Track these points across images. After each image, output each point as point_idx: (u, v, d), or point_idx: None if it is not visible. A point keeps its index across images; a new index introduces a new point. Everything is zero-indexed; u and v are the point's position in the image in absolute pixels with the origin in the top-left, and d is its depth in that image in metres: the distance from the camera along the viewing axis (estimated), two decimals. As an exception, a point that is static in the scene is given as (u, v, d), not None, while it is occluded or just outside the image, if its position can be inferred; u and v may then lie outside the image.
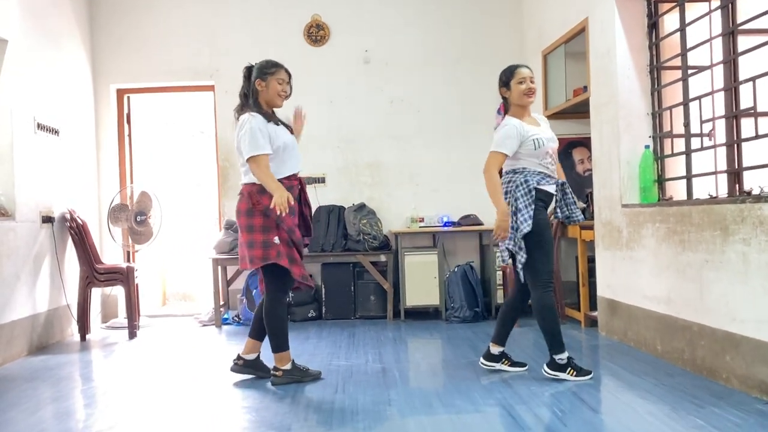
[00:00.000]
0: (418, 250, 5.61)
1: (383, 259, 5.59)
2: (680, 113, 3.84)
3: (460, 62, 6.08)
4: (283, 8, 6.04)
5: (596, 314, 4.64)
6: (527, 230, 3.25)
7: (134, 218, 5.47)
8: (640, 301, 3.99)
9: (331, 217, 5.73)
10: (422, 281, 5.45)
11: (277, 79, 3.42)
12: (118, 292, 5.73)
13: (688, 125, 3.77)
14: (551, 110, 5.38)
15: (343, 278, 5.66)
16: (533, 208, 3.28)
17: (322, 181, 6.02)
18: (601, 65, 4.43)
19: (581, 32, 4.76)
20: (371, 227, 5.57)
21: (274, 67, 3.44)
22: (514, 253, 3.33)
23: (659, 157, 4.09)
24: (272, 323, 3.42)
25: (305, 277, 3.40)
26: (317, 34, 6.05)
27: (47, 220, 4.85)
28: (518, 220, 3.28)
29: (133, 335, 5.08)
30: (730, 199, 3.14)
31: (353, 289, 5.66)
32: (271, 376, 3.49)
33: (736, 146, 3.35)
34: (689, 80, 3.77)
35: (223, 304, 5.71)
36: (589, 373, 3.33)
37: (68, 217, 5.10)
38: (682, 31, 3.79)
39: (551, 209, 3.52)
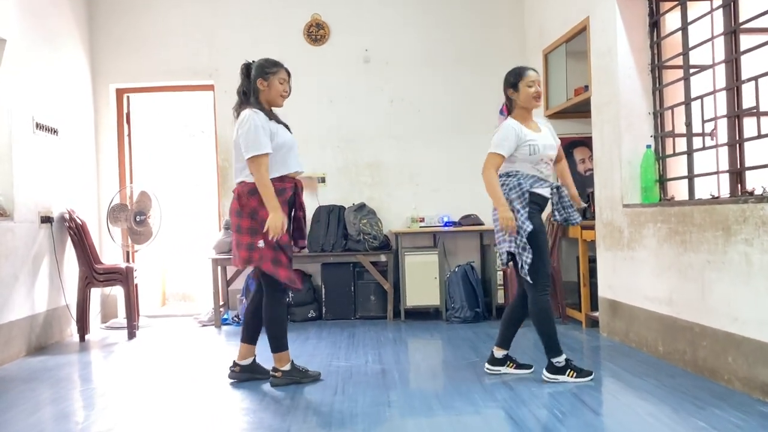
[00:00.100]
0: (418, 250, 5.59)
1: (383, 259, 5.58)
2: (682, 113, 3.83)
3: (460, 61, 6.06)
4: (282, 7, 6.02)
5: (597, 315, 4.62)
6: (530, 228, 3.23)
7: (134, 218, 5.45)
8: (641, 301, 3.97)
9: (331, 217, 5.71)
10: (422, 281, 5.44)
11: (278, 78, 3.41)
12: (117, 292, 5.71)
13: (689, 125, 3.76)
14: (552, 110, 5.37)
15: (343, 278, 5.65)
16: (528, 210, 3.27)
17: (322, 180, 6.00)
18: (602, 64, 4.41)
19: (582, 31, 4.74)
20: (371, 227, 5.55)
21: (275, 66, 3.42)
22: (516, 254, 3.30)
23: (661, 156, 4.07)
24: (271, 324, 3.40)
25: (291, 279, 3.36)
26: (317, 33, 6.03)
27: (46, 220, 4.84)
28: (519, 219, 3.26)
29: (132, 335, 5.07)
30: (732, 199, 3.12)
31: (353, 289, 5.65)
32: (270, 377, 3.47)
33: (738, 146, 3.33)
34: (691, 79, 3.75)
35: (222, 304, 5.70)
36: (590, 374, 3.31)
37: (67, 217, 5.08)
38: (683, 30, 3.77)
39: (548, 212, 3.50)
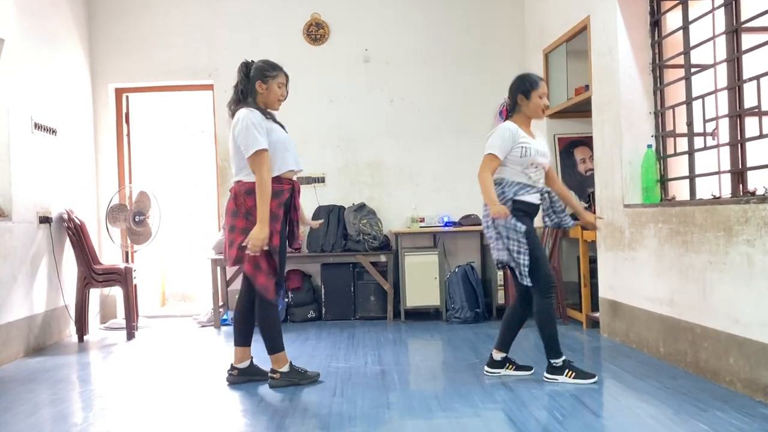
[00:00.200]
0: (418, 250, 5.57)
1: (383, 259, 5.56)
2: (683, 112, 3.81)
3: (460, 61, 6.03)
4: (282, 7, 6.00)
5: (598, 315, 4.60)
6: (523, 228, 3.24)
7: (133, 218, 5.43)
8: (642, 302, 3.94)
9: (330, 217, 5.69)
10: (422, 282, 5.42)
11: (277, 82, 3.40)
12: (116, 292, 5.70)
13: (691, 124, 3.73)
14: (553, 109, 5.33)
15: (342, 279, 5.63)
16: (514, 217, 3.27)
17: (321, 180, 5.98)
18: (602, 64, 4.39)
19: (583, 30, 4.72)
20: (371, 227, 5.53)
21: (274, 70, 3.40)
22: (512, 262, 3.30)
23: (662, 156, 4.05)
24: (265, 326, 3.38)
25: (266, 288, 3.28)
26: (317, 32, 6.01)
27: (44, 220, 4.82)
28: (509, 225, 3.26)
29: (131, 336, 5.05)
30: (733, 199, 3.10)
31: (353, 289, 5.63)
32: (268, 378, 3.45)
33: (739, 146, 3.31)
34: (692, 79, 3.73)
35: (222, 304, 5.68)
36: (592, 377, 3.28)
37: (66, 217, 5.06)
38: (684, 29, 3.75)
39: (539, 217, 3.47)
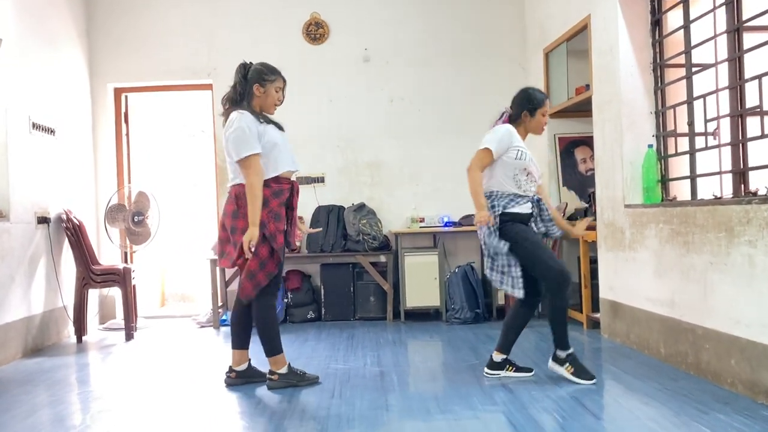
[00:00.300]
0: (418, 250, 5.55)
1: (383, 259, 5.54)
2: (684, 112, 3.78)
3: (461, 60, 6.01)
4: (281, 6, 5.98)
5: (598, 316, 4.58)
6: (506, 248, 3.25)
7: (132, 218, 5.42)
8: (643, 303, 3.92)
9: (330, 217, 5.67)
10: (422, 282, 5.40)
11: (275, 87, 3.39)
12: (115, 293, 5.68)
13: (692, 124, 3.71)
14: (553, 109, 5.30)
15: (342, 279, 5.61)
16: (497, 230, 3.27)
17: (321, 180, 5.96)
18: (603, 63, 4.36)
19: (583, 30, 4.70)
20: (371, 227, 5.51)
21: (273, 74, 3.39)
22: (503, 281, 3.31)
23: (663, 156, 4.03)
24: (263, 327, 3.37)
25: (248, 296, 3.29)
26: (316, 32, 5.99)
27: (43, 220, 4.80)
28: (491, 245, 3.27)
29: (130, 337, 5.03)
30: (735, 199, 3.07)
31: (353, 290, 5.61)
32: (267, 380, 3.43)
33: (741, 145, 3.29)
34: (693, 78, 3.71)
35: (221, 305, 5.66)
36: (592, 377, 3.27)
37: (64, 217, 5.04)
38: (686, 28, 3.73)
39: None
